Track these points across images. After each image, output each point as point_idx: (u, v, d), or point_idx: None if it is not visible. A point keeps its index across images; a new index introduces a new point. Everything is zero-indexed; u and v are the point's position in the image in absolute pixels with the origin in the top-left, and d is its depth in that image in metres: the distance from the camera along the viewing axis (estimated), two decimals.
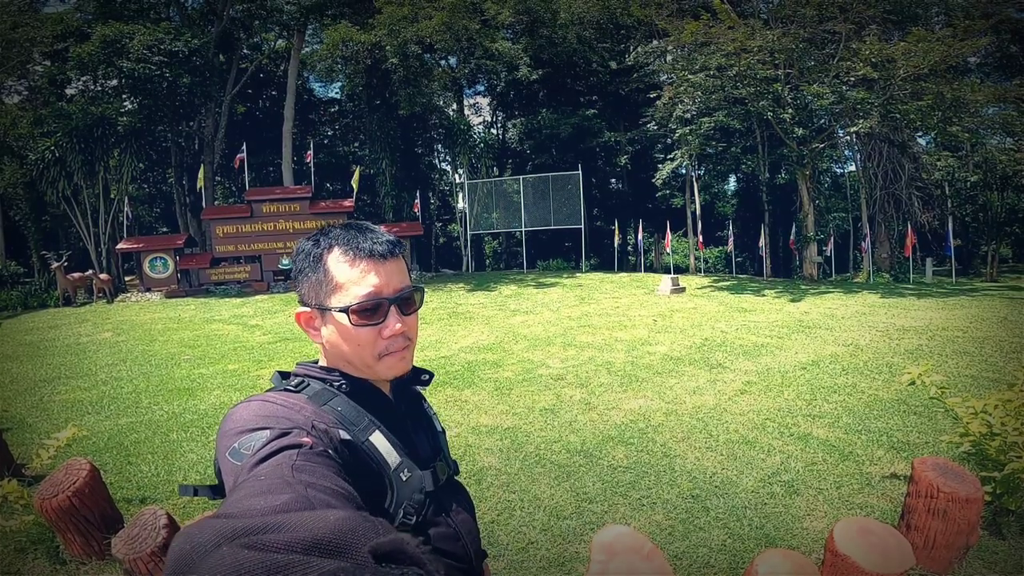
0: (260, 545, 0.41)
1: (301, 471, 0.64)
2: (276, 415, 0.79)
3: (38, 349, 9.52)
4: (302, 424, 0.78)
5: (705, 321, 9.65)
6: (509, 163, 25.67)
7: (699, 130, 15.97)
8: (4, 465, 3.61)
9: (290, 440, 0.72)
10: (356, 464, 0.81)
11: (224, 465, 0.74)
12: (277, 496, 0.56)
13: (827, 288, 14.15)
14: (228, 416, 0.82)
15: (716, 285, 14.99)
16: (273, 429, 0.75)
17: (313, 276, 0.91)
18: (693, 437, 4.52)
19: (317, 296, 0.91)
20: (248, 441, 0.73)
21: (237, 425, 0.78)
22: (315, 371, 0.94)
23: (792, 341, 7.93)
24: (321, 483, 0.63)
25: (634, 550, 1.90)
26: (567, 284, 15.11)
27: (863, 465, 3.86)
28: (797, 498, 3.39)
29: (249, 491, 0.59)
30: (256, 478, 0.63)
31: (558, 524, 3.13)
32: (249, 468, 0.68)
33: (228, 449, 0.74)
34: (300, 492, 0.58)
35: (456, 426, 4.89)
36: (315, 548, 0.41)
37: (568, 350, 7.75)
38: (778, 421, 4.84)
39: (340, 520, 0.46)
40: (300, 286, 0.93)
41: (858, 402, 5.23)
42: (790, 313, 10.33)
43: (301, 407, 0.83)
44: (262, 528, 0.44)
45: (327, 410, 0.85)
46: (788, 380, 6.04)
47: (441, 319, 10.75)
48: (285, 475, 0.63)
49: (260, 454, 0.70)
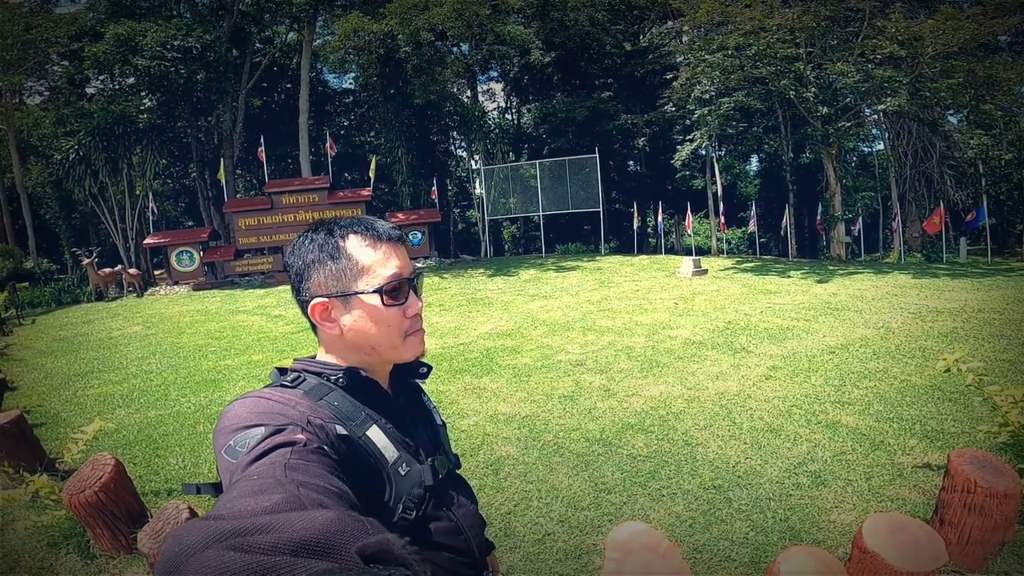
0: (246, 547, 0.40)
1: (294, 470, 0.63)
2: (271, 411, 0.78)
3: (71, 344, 9.79)
4: (297, 420, 0.76)
5: (728, 304, 9.46)
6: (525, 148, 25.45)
7: (718, 110, 15.59)
8: (37, 460, 3.71)
9: (284, 437, 0.71)
10: (353, 459, 0.79)
11: (221, 463, 0.73)
12: (268, 496, 0.55)
13: (856, 269, 13.75)
14: (224, 413, 0.81)
15: (739, 267, 14.70)
16: (268, 426, 0.74)
17: (332, 264, 0.89)
18: (716, 425, 4.42)
19: (339, 283, 0.89)
20: (243, 438, 0.72)
21: (232, 422, 0.77)
22: (313, 366, 0.92)
23: (819, 324, 7.71)
24: (314, 482, 0.61)
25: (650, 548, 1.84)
26: (586, 268, 14.97)
27: (895, 455, 3.72)
28: (824, 489, 3.29)
29: (241, 491, 0.58)
30: (249, 478, 0.62)
31: (576, 515, 3.09)
32: (243, 467, 0.67)
33: (224, 447, 0.73)
34: (292, 492, 0.57)
35: (474, 415, 4.88)
36: (302, 549, 0.41)
37: (587, 335, 7.68)
38: (805, 408, 4.71)
39: (328, 520, 0.45)
40: (312, 277, 0.90)
41: (890, 388, 5.04)
42: (817, 295, 10.06)
43: (296, 403, 0.81)
44: (249, 529, 0.44)
45: (323, 405, 0.84)
46: (815, 365, 5.87)
47: (460, 305, 10.76)
48: (278, 474, 0.62)
49: (254, 452, 0.68)
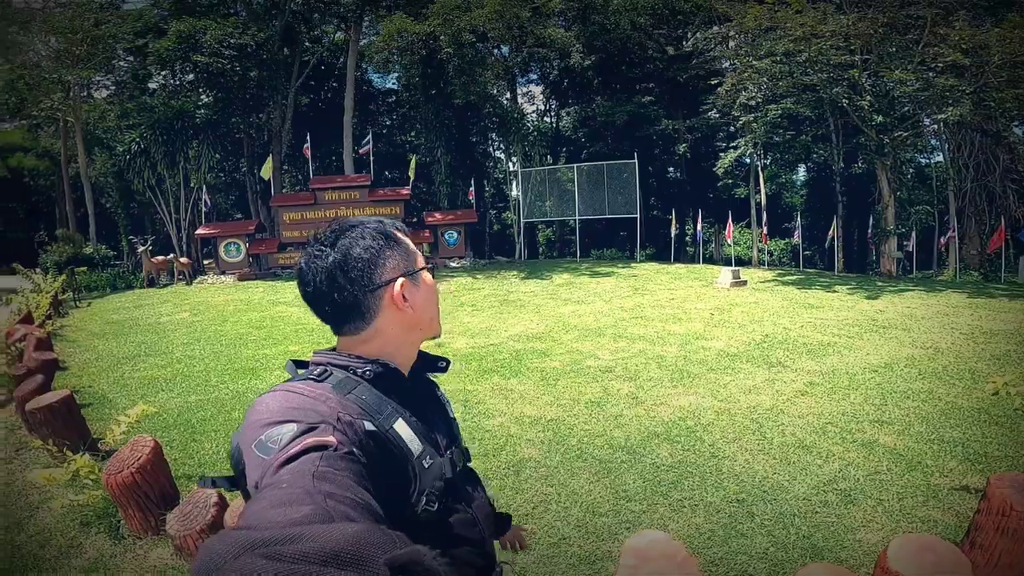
0: (277, 555, 0.42)
1: (322, 479, 0.64)
2: (303, 407, 0.79)
3: (122, 328, 10.29)
4: (328, 416, 0.78)
5: (767, 316, 9.19)
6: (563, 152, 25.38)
7: (764, 117, 15.17)
8: (81, 440, 3.91)
9: (315, 439, 0.72)
10: (380, 454, 0.80)
11: (250, 457, 0.74)
12: (297, 508, 0.56)
13: (907, 285, 13.15)
14: (255, 406, 0.82)
15: (781, 279, 14.26)
16: (300, 423, 0.75)
17: (399, 248, 0.97)
18: (745, 438, 4.32)
19: (408, 263, 0.97)
20: (275, 434, 0.73)
21: (263, 416, 0.78)
22: (337, 359, 0.93)
23: (863, 341, 7.42)
24: (342, 493, 0.62)
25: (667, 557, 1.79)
26: (621, 274, 14.81)
27: (931, 476, 3.56)
28: (853, 508, 3.17)
29: (270, 501, 0.59)
30: (278, 486, 0.63)
31: (593, 521, 3.07)
32: (274, 469, 0.68)
33: (254, 441, 0.74)
34: (319, 503, 0.58)
35: (499, 415, 4.90)
36: (332, 560, 0.42)
37: (619, 342, 7.60)
38: (841, 426, 4.54)
39: (357, 532, 0.47)
40: (385, 263, 0.94)
41: (933, 409, 4.83)
42: (863, 311, 9.67)
43: (327, 397, 0.83)
44: (280, 539, 0.45)
45: (351, 399, 0.85)
46: (856, 382, 5.66)
47: (492, 306, 10.81)
48: (306, 484, 0.62)
49: (286, 452, 0.69)
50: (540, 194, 19.94)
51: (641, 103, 21.13)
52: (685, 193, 24.67)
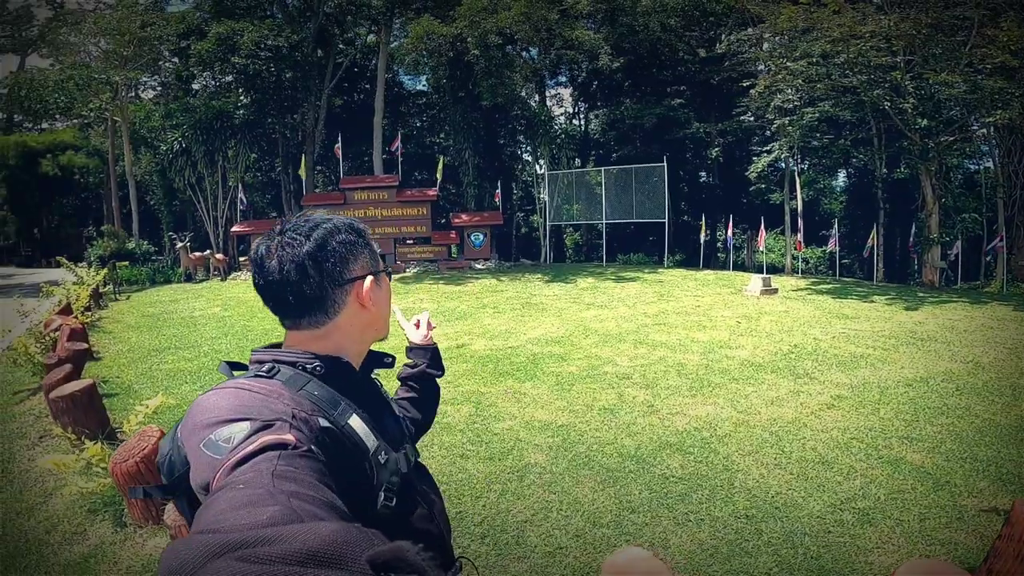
0: (254, 558, 0.40)
1: (283, 479, 0.61)
2: (254, 404, 0.76)
3: (157, 321, 10.65)
4: (283, 413, 0.74)
5: (797, 326, 8.89)
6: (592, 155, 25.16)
7: (800, 121, 14.70)
8: (100, 428, 4.02)
9: (273, 437, 0.69)
10: (337, 451, 0.78)
11: (196, 458, 0.71)
12: (262, 509, 0.54)
13: (949, 297, 12.54)
14: (199, 404, 0.78)
15: (815, 288, 13.79)
16: (254, 420, 0.71)
17: (366, 249, 0.97)
18: (762, 451, 4.16)
19: (375, 263, 0.98)
20: (225, 433, 0.70)
21: (210, 416, 0.74)
22: (283, 355, 0.90)
23: (899, 354, 7.09)
24: (306, 492, 0.60)
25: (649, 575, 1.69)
26: (647, 279, 14.58)
27: (959, 496, 3.36)
28: (869, 528, 3.00)
29: (230, 503, 0.56)
30: (234, 487, 0.60)
31: (593, 531, 2.98)
32: (228, 469, 0.64)
33: (202, 441, 0.70)
34: (285, 504, 0.55)
35: (510, 419, 4.84)
36: (311, 560, 0.41)
37: (639, 348, 7.45)
38: (866, 441, 4.34)
39: (334, 531, 0.45)
40: (356, 260, 0.93)
41: (968, 427, 4.58)
42: (901, 323, 9.26)
43: (279, 394, 0.79)
44: (253, 541, 0.43)
45: (304, 395, 0.82)
46: (887, 397, 5.41)
47: (514, 309, 10.76)
48: (266, 484, 0.59)
49: (241, 451, 0.66)
50: (567, 197, 19.80)
51: (671, 106, 20.78)
52: (717, 198, 24.14)
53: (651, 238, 24.07)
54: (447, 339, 8.24)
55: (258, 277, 0.92)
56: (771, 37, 16.63)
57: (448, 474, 3.70)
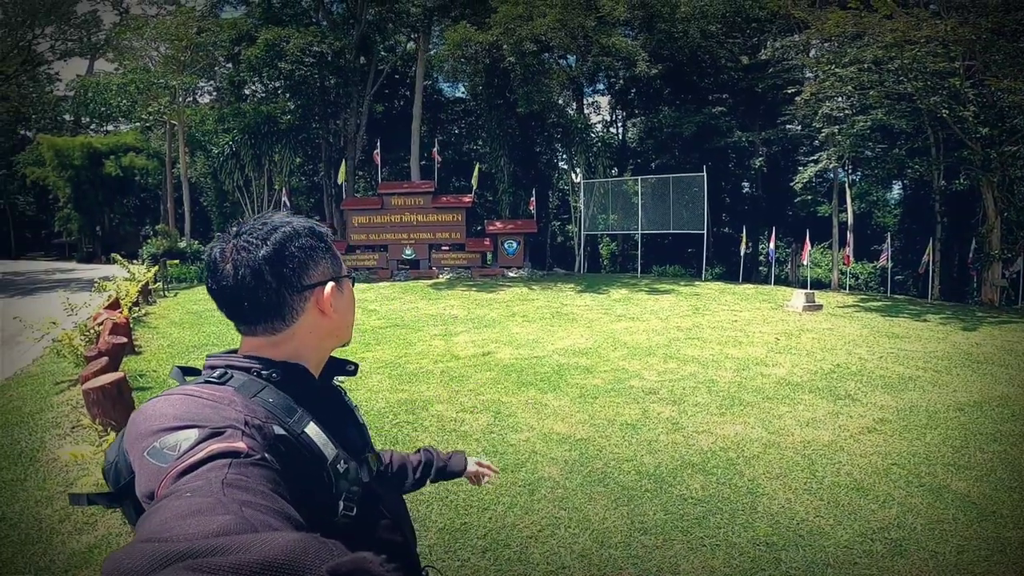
0: (206, 568, 0.38)
1: (234, 487, 0.57)
2: (203, 411, 0.72)
3: (199, 318, 11.03)
4: (234, 420, 0.71)
5: (841, 345, 8.47)
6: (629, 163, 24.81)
7: (851, 129, 14.09)
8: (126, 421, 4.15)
9: (223, 445, 0.65)
10: (293, 460, 0.74)
11: (141, 466, 0.67)
12: (211, 517, 0.50)
13: (1011, 317, 11.74)
14: (143, 411, 0.75)
15: (863, 304, 13.15)
16: (203, 428, 0.68)
17: (328, 254, 0.94)
18: (791, 475, 3.93)
19: (337, 269, 0.94)
20: (171, 440, 0.66)
21: (155, 423, 0.70)
22: (237, 360, 0.86)
23: (952, 376, 6.67)
24: (258, 501, 0.56)
25: None
26: (682, 292, 14.22)
27: (1004, 528, 3.10)
28: (900, 560, 2.79)
29: (176, 511, 0.52)
30: (180, 495, 0.56)
31: (600, 552, 2.86)
32: (173, 478, 0.61)
33: (147, 448, 0.67)
34: (236, 512, 0.52)
35: (528, 430, 4.75)
36: (267, 571, 0.39)
37: (668, 363, 7.23)
38: (908, 468, 4.07)
39: (291, 541, 0.42)
40: (317, 265, 0.90)
41: (1022, 454, 4.24)
42: (956, 343, 8.71)
43: (231, 400, 0.75)
44: (204, 551, 0.41)
45: (257, 402, 0.78)
46: (936, 421, 5.09)
47: (543, 318, 10.66)
48: (215, 492, 0.56)
49: (188, 459, 0.62)
50: (603, 206, 19.56)
51: (712, 114, 20.29)
52: (760, 209, 23.39)
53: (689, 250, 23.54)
54: (474, 346, 8.22)
55: (211, 281, 0.88)
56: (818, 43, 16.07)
57: (457, 484, 3.63)
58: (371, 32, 21.49)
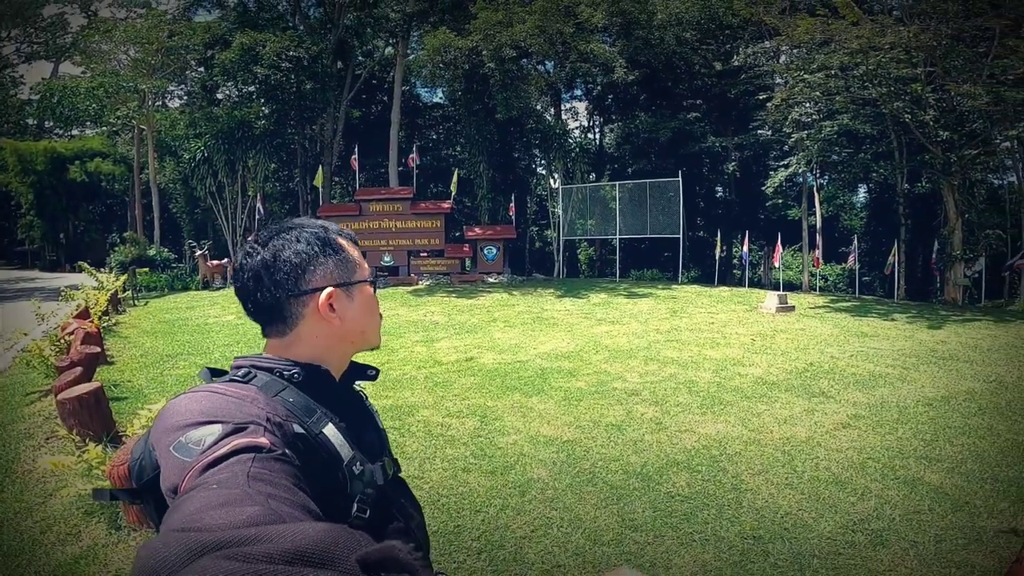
0: (242, 557, 0.39)
1: (259, 480, 0.59)
2: (228, 407, 0.74)
3: (172, 327, 10.79)
4: (257, 417, 0.73)
5: (813, 344, 8.71)
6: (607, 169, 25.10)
7: (819, 134, 14.53)
8: (104, 431, 4.05)
9: (246, 439, 0.67)
10: (310, 459, 0.76)
11: (166, 460, 0.69)
12: (240, 508, 0.52)
13: (973, 315, 12.22)
14: (170, 407, 0.77)
15: (833, 305, 13.53)
16: (226, 423, 0.70)
17: (334, 257, 0.94)
18: (772, 471, 4.04)
19: (344, 274, 0.94)
20: (196, 436, 0.68)
21: (181, 419, 0.73)
22: (262, 361, 0.90)
23: (920, 373, 6.92)
24: (281, 495, 0.58)
25: None
26: (660, 295, 14.43)
27: (978, 518, 3.25)
28: (882, 550, 2.89)
29: (205, 502, 0.54)
30: (207, 487, 0.58)
31: (593, 550, 2.90)
32: (199, 471, 0.63)
33: (172, 443, 0.69)
34: (263, 504, 0.54)
35: (515, 433, 4.78)
36: (299, 559, 0.40)
37: (649, 365, 7.35)
38: (883, 462, 4.22)
39: (321, 531, 0.44)
40: (315, 270, 0.92)
41: (990, 447, 4.45)
42: (922, 341, 9.04)
43: (253, 398, 0.78)
44: (237, 540, 0.42)
45: (279, 401, 0.81)
46: (906, 416, 5.27)
47: (525, 323, 10.71)
48: (241, 484, 0.58)
49: (213, 453, 0.65)
50: (581, 211, 19.73)
51: (687, 119, 20.68)
52: (733, 213, 23.90)
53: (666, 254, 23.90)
54: (456, 352, 8.21)
55: (234, 283, 0.97)
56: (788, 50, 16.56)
57: (449, 487, 3.64)
58: (349, 37, 21.32)
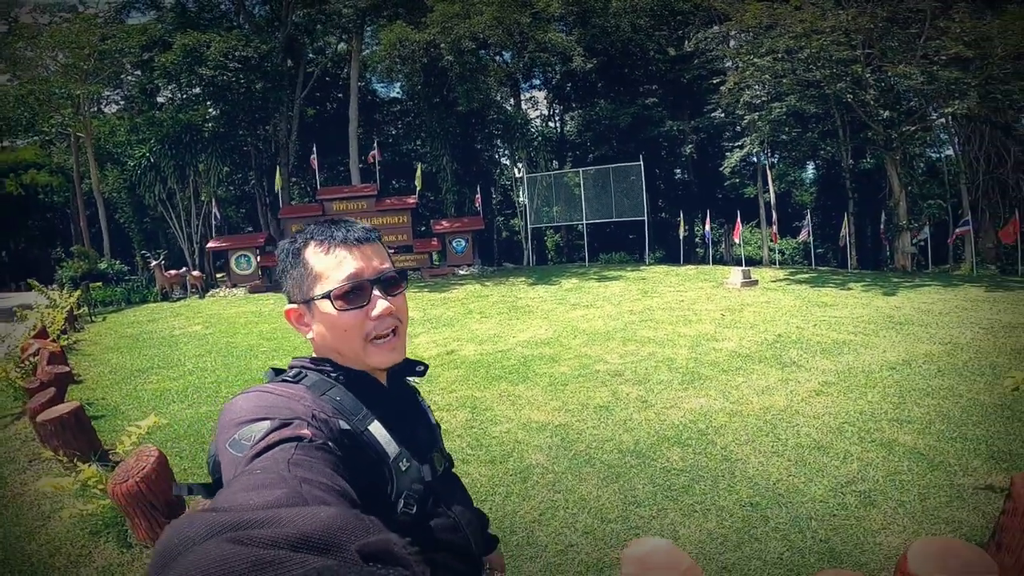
0: (247, 540, 0.40)
1: (298, 466, 0.64)
2: (276, 405, 0.79)
3: (137, 341, 10.38)
4: (302, 414, 0.78)
5: (779, 316, 9.07)
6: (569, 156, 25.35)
7: (769, 116, 15.07)
8: (92, 451, 3.93)
9: (290, 432, 0.72)
10: (356, 454, 0.80)
11: (224, 457, 0.74)
12: (270, 491, 0.55)
13: (923, 281, 12.93)
14: (227, 407, 0.82)
15: (793, 278, 14.09)
16: (273, 419, 0.75)
17: (295, 271, 0.94)
18: (758, 440, 4.23)
19: (301, 290, 0.93)
20: (248, 431, 0.73)
21: (237, 416, 0.78)
22: (312, 363, 0.94)
23: (880, 338, 7.28)
24: (317, 479, 0.62)
25: (670, 566, 1.72)
26: (630, 277, 14.73)
27: (955, 476, 3.46)
28: (873, 510, 3.08)
29: (243, 485, 0.58)
30: (251, 472, 0.63)
31: (602, 527, 3.01)
32: (247, 460, 0.67)
33: (228, 440, 0.74)
34: (294, 487, 0.57)
35: (507, 421, 4.85)
36: (303, 545, 0.40)
37: (628, 345, 7.52)
38: (858, 425, 4.45)
39: (330, 517, 0.45)
40: (285, 284, 0.96)
41: (954, 406, 4.71)
42: (879, 308, 9.51)
43: (301, 396, 0.83)
44: (250, 523, 0.43)
45: (326, 400, 0.85)
46: (873, 381, 5.54)
47: (501, 313, 10.77)
48: (280, 470, 0.62)
49: (259, 446, 0.69)
50: (547, 199, 19.89)
51: (645, 105, 21.06)
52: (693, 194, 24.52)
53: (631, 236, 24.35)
54: (436, 346, 8.22)
55: None
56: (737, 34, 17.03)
57: None
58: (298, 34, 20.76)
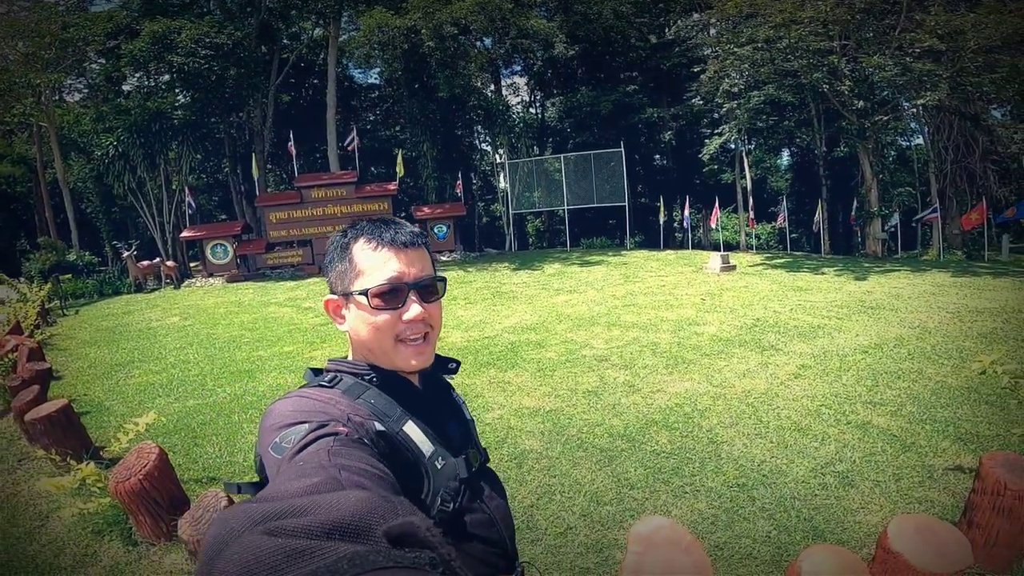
0: (279, 530, 0.41)
1: (337, 455, 0.67)
2: (313, 410, 0.83)
3: (113, 334, 10.17)
4: (338, 417, 0.82)
5: (757, 300, 9.31)
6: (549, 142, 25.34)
7: (747, 104, 15.29)
8: (83, 448, 3.89)
9: (328, 431, 0.76)
10: (392, 455, 0.84)
11: (267, 460, 0.78)
12: (309, 479, 0.59)
13: (893, 266, 13.36)
14: (268, 412, 0.86)
15: (769, 263, 14.42)
16: (311, 422, 0.79)
17: (340, 265, 0.97)
18: (741, 423, 4.40)
19: (342, 283, 0.97)
20: (289, 435, 0.77)
21: (277, 421, 0.82)
22: (346, 366, 0.98)
23: (852, 322, 7.53)
24: (355, 465, 0.65)
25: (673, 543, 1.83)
26: (612, 262, 14.89)
27: (926, 457, 3.66)
28: (851, 490, 3.26)
29: (286, 476, 0.62)
30: (294, 464, 0.67)
31: (598, 510, 3.13)
32: (288, 459, 0.71)
33: (270, 444, 0.78)
34: (332, 474, 0.61)
35: (498, 408, 4.94)
36: (335, 531, 0.42)
37: (612, 330, 7.66)
38: (835, 408, 4.64)
39: (359, 501, 0.47)
40: (329, 275, 0.99)
41: (924, 389, 4.93)
42: (851, 292, 9.82)
43: (336, 401, 0.87)
44: (285, 512, 0.45)
45: (361, 403, 0.89)
46: (847, 364, 5.75)
47: (485, 299, 10.82)
48: (321, 459, 0.66)
49: (299, 444, 0.73)
50: (528, 185, 19.90)
51: (626, 92, 21.12)
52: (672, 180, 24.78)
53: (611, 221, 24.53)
54: None
55: None
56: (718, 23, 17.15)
57: None
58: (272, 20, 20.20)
